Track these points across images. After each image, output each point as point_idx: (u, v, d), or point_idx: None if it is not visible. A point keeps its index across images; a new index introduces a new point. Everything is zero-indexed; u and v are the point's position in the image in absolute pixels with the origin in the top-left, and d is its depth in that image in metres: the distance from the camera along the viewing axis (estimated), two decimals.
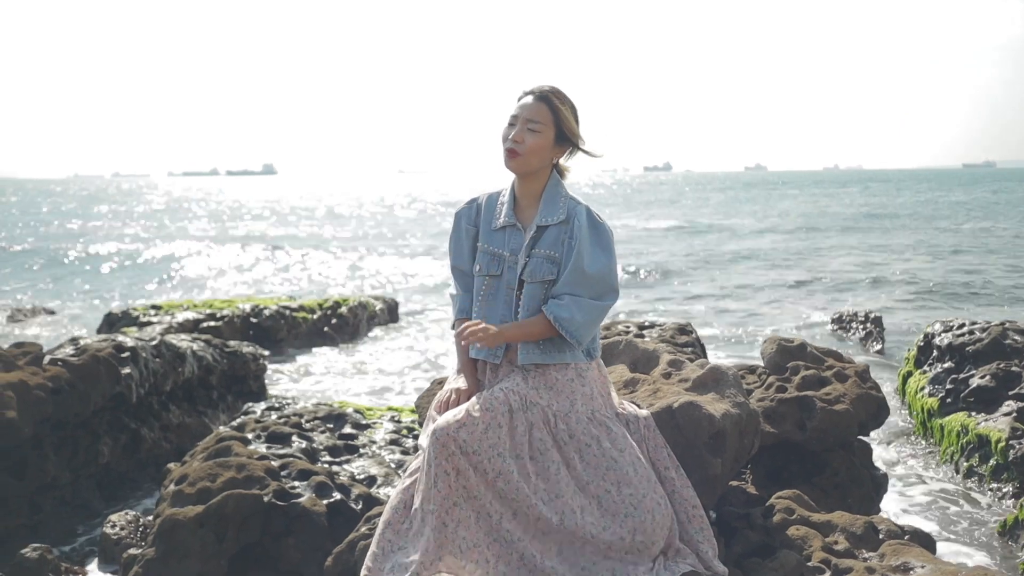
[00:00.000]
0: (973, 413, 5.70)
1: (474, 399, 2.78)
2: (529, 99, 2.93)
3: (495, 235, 3.01)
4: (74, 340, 5.35)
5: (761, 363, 4.39)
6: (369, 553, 2.75)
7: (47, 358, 4.98)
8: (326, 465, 4.12)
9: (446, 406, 2.90)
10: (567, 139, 2.95)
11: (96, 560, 4.20)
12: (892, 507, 4.97)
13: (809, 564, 2.90)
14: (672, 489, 2.88)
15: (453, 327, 3.11)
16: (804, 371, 4.14)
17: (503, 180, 3.14)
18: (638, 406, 3.10)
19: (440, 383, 3.70)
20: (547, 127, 2.90)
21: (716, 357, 9.53)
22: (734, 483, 3.65)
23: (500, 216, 3.01)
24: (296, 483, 3.82)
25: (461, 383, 2.96)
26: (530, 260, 2.92)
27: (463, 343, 2.83)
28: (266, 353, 7.60)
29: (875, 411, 4.05)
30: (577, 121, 2.97)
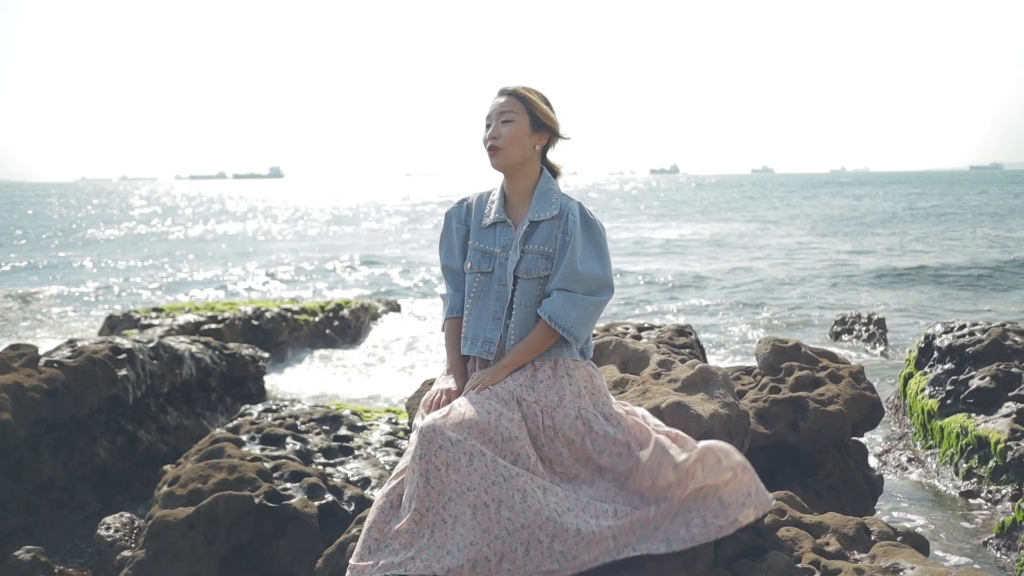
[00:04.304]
0: (973, 414, 5.67)
1: (461, 396, 2.77)
2: (498, 98, 2.99)
3: (485, 232, 3.02)
4: (71, 342, 5.36)
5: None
6: (355, 553, 2.72)
7: (42, 360, 4.99)
8: (320, 467, 4.11)
9: (435, 407, 2.89)
10: (543, 125, 2.98)
11: (91, 562, 4.20)
12: (889, 509, 4.94)
13: (799, 566, 2.87)
14: None
15: (443, 327, 3.11)
16: (798, 372, 4.12)
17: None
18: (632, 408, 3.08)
19: (431, 383, 3.69)
20: (520, 115, 2.95)
21: (718, 360, 9.50)
22: None
23: (490, 213, 3.02)
24: (288, 484, 3.81)
25: (450, 383, 2.95)
26: (524, 256, 2.92)
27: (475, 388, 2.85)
28: (266, 355, 7.59)
29: (869, 412, 4.02)
30: (551, 108, 3.01)
